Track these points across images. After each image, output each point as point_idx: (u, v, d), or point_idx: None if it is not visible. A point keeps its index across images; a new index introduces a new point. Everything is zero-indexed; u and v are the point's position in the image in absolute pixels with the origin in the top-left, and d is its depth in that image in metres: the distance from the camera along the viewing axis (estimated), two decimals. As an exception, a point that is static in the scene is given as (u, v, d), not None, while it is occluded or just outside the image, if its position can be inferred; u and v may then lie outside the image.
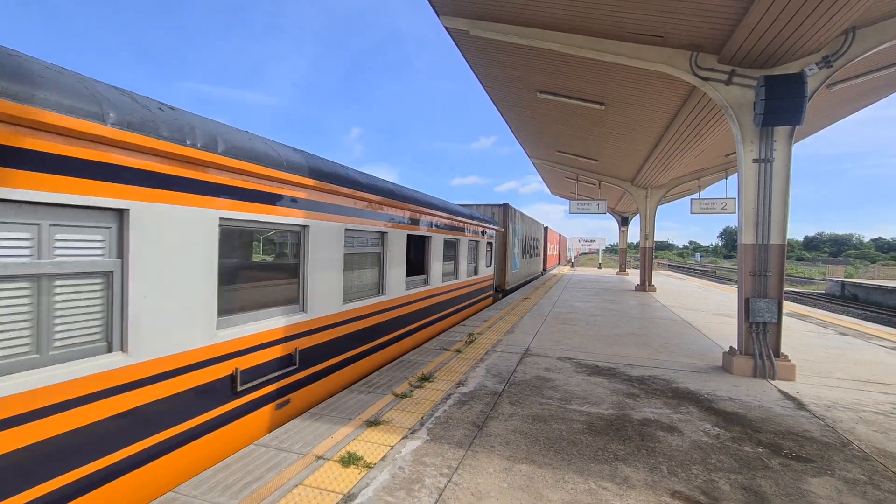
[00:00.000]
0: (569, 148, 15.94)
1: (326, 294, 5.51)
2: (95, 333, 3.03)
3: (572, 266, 50.01)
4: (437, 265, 9.53)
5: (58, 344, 2.81)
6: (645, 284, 18.83)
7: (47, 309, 2.75)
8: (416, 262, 9.69)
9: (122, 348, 3.13)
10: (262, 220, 4.45)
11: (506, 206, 17.46)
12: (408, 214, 7.94)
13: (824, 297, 31.59)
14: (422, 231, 8.64)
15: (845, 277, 36.59)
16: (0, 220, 2.52)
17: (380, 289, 7.13)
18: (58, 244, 2.80)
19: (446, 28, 7.59)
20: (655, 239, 19.75)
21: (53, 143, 2.72)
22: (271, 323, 4.55)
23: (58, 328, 2.81)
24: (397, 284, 7.59)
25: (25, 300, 2.65)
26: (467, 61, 8.99)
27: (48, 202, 2.70)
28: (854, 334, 9.62)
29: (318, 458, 3.57)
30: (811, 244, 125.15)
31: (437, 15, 7.36)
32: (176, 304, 3.50)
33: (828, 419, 4.68)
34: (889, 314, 23.54)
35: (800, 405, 5.09)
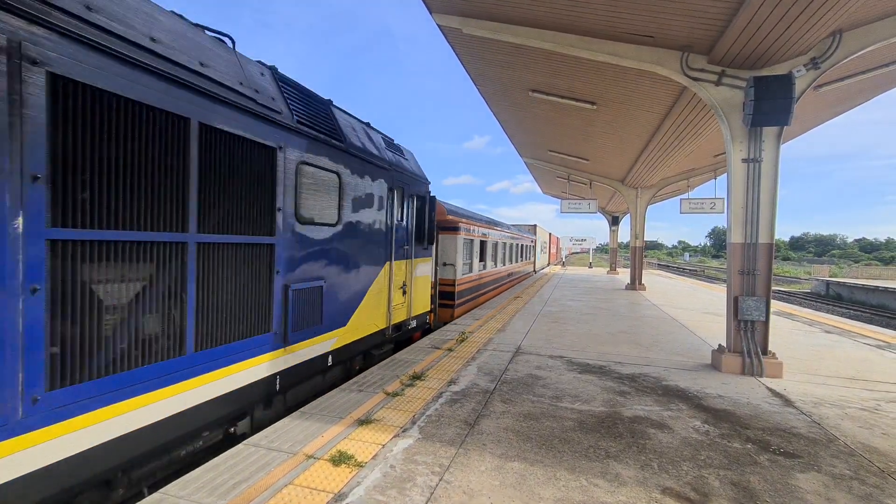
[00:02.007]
0: (560, 147, 16.01)
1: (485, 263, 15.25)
2: None
3: (563, 265, 50.30)
4: (508, 256, 19.68)
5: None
6: (635, 283, 18.98)
7: None
8: (503, 255, 18.44)
9: None
10: (488, 239, 15.11)
11: (535, 225, 33.13)
12: (502, 231, 18.18)
13: (810, 296, 32.14)
14: (505, 239, 18.70)
15: (830, 277, 37.25)
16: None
17: (487, 265, 15.60)
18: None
19: (439, 26, 7.57)
20: (645, 238, 19.93)
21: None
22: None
23: None
24: (498, 262, 17.49)
25: None
26: (460, 59, 8.98)
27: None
28: (839, 332, 9.78)
29: (309, 457, 3.54)
30: (797, 244, 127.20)
31: (430, 12, 7.34)
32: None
33: (814, 415, 4.75)
34: (872, 313, 24.01)
35: (787, 402, 5.16)
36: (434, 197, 8.90)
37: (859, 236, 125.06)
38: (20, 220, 2.43)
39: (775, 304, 13.50)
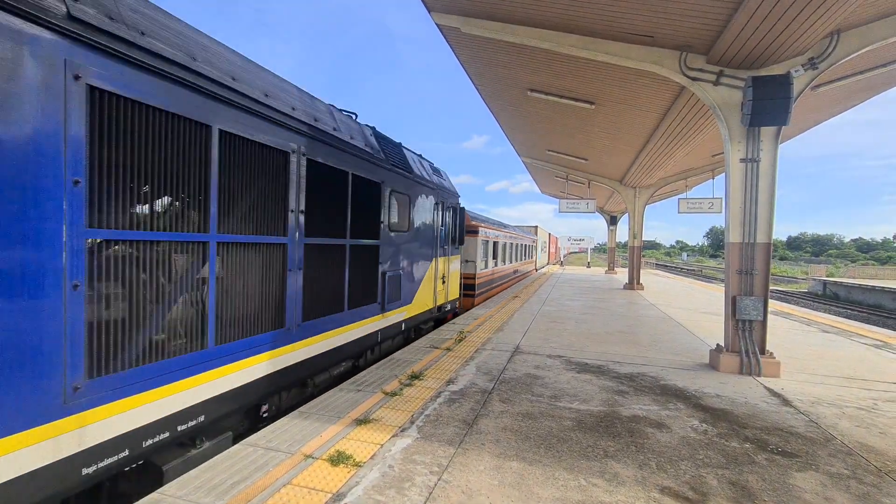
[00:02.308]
0: (559, 147, 16.01)
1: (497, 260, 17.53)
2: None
3: (562, 265, 50.35)
4: (515, 254, 21.89)
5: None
6: (633, 283, 19.01)
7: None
8: (510, 254, 20.83)
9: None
10: (499, 240, 17.75)
11: (536, 227, 34.88)
12: (510, 233, 20.29)
13: (807, 296, 32.25)
14: (513, 240, 20.94)
15: (827, 277, 37.38)
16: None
17: (499, 262, 17.70)
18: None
19: (438, 25, 7.56)
20: (643, 238, 19.95)
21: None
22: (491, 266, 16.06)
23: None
24: (507, 260, 19.65)
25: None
26: (458, 59, 8.98)
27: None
28: (836, 332, 9.81)
29: (307, 457, 3.53)
30: (794, 244, 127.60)
31: (429, 11, 7.33)
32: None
33: (812, 415, 4.76)
34: (869, 312, 24.10)
35: (785, 401, 5.17)
36: (463, 207, 11.23)
37: (856, 236, 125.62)
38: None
39: (773, 304, 13.53)
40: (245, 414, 4.44)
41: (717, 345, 6.74)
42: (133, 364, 3.11)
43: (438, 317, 10.06)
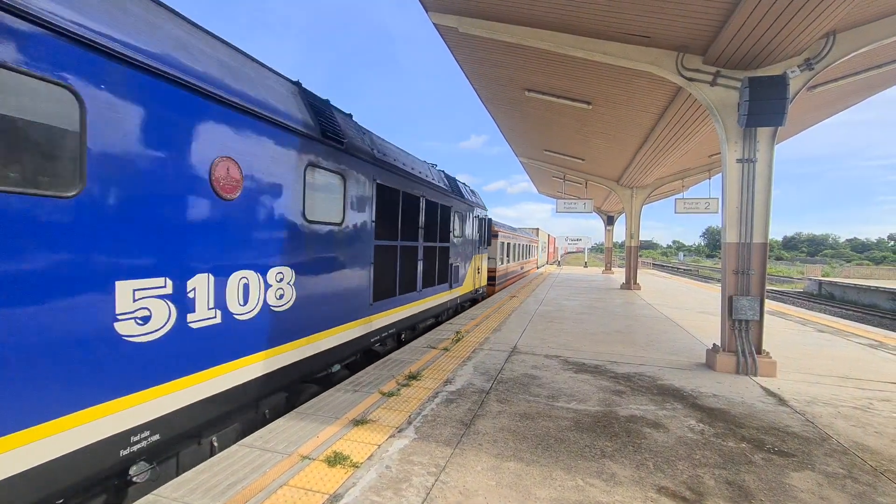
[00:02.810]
0: (556, 147, 16.03)
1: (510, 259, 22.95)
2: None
3: (559, 265, 50.42)
4: (522, 254, 26.14)
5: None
6: (630, 283, 19.05)
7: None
8: (519, 253, 25.07)
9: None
10: (511, 242, 22.83)
11: (537, 229, 38.73)
12: (518, 235, 25.28)
13: (803, 296, 32.40)
14: (521, 241, 25.76)
15: (822, 277, 37.58)
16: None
17: (511, 260, 22.62)
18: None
19: (435, 25, 7.54)
20: (640, 238, 20.01)
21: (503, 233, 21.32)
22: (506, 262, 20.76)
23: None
24: (516, 258, 24.44)
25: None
26: (456, 58, 8.96)
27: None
28: (832, 331, 9.86)
29: (304, 457, 3.52)
30: (790, 244, 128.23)
31: (426, 11, 7.32)
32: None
33: (808, 414, 4.78)
34: (864, 312, 24.24)
35: (781, 401, 5.19)
36: (491, 218, 15.82)
37: (851, 236, 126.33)
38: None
39: (769, 304, 13.59)
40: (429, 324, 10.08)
41: (714, 344, 6.75)
42: (385, 297, 7.32)
43: (474, 297, 14.40)
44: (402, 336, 8.52)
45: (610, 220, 29.66)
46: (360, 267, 6.41)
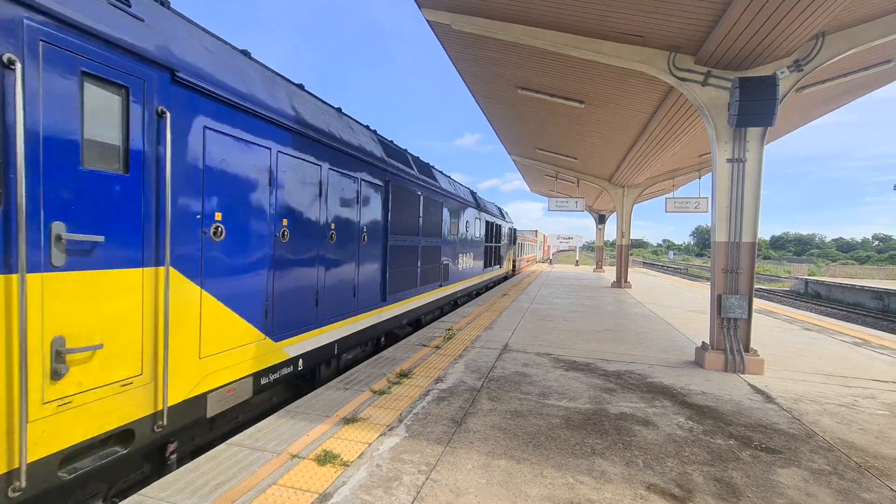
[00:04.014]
0: (548, 145, 16.06)
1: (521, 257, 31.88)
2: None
3: (550, 263, 50.65)
4: (527, 250, 35.87)
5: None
6: (621, 281, 19.19)
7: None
8: (525, 250, 34.63)
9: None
10: (522, 242, 33.13)
11: (536, 230, 45.22)
12: (525, 237, 34.70)
13: (790, 294, 32.87)
14: (527, 241, 36.46)
15: (809, 276, 38.16)
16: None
17: (521, 254, 31.37)
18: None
19: (428, 21, 7.50)
20: (631, 237, 20.14)
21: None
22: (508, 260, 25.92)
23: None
24: (524, 253, 33.62)
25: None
26: (449, 56, 8.93)
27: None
28: (818, 330, 10.01)
29: (294, 456, 3.49)
30: (777, 243, 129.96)
31: (419, 7, 7.27)
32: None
33: (794, 412, 4.84)
34: (849, 310, 24.65)
35: (768, 398, 5.26)
36: (516, 228, 25.86)
37: (836, 236, 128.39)
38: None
39: (757, 302, 13.75)
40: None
41: (703, 342, 6.82)
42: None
43: (507, 275, 23.64)
44: (479, 293, 16.64)
45: (601, 219, 29.83)
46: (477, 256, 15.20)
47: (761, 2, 5.01)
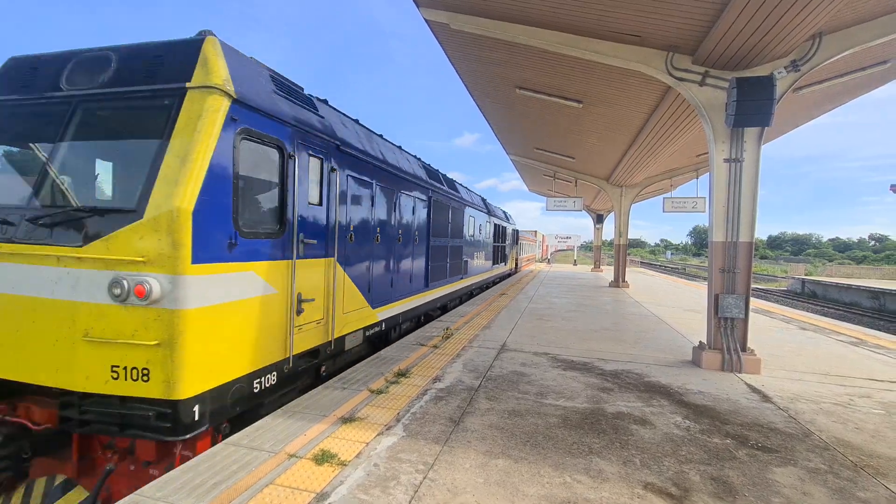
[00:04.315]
0: (546, 145, 16.07)
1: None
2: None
3: (549, 263, 50.74)
4: (528, 249, 39.67)
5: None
6: (618, 281, 19.22)
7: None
8: (526, 249, 38.81)
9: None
10: (524, 241, 36.76)
11: (535, 231, 48.68)
12: (526, 237, 38.58)
13: (787, 294, 32.99)
14: (528, 241, 40.66)
15: (806, 275, 38.30)
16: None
17: (522, 253, 34.47)
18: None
19: (426, 20, 7.50)
20: (629, 237, 20.17)
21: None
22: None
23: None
24: (524, 252, 36.59)
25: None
26: (447, 55, 8.92)
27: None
28: (814, 329, 10.05)
29: (291, 456, 3.48)
30: (774, 243, 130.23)
31: (418, 7, 7.26)
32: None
33: (791, 411, 4.86)
34: (845, 310, 24.76)
35: (765, 398, 5.28)
36: (518, 230, 29.15)
37: (833, 236, 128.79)
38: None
39: (754, 302, 13.79)
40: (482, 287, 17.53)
41: (700, 342, 6.84)
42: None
43: (510, 272, 25.61)
44: (488, 286, 18.62)
45: (599, 219, 29.87)
46: (487, 253, 17.70)
47: (759, 2, 5.02)
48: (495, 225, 19.20)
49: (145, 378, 3.47)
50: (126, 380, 3.49)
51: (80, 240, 3.60)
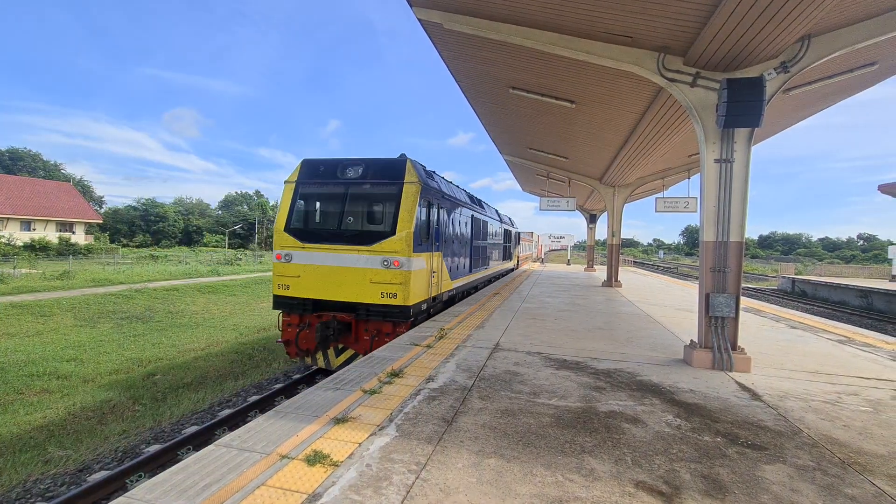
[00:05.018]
0: (540, 145, 16.12)
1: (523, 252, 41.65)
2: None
3: (542, 262, 50.89)
4: (525, 248, 45.23)
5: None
6: (611, 280, 19.32)
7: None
8: (524, 247, 43.97)
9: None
10: (523, 241, 42.27)
11: (532, 232, 54.73)
12: (525, 237, 44.80)
13: (777, 293, 33.34)
14: (526, 240, 46.36)
15: (795, 275, 38.73)
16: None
17: (521, 251, 38.89)
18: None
19: (419, 20, 7.48)
20: (622, 236, 20.28)
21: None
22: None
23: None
24: (523, 251, 41.24)
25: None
26: (440, 55, 8.92)
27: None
28: (804, 328, 10.17)
29: (283, 457, 3.46)
30: (765, 242, 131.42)
31: (411, 7, 7.25)
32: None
33: (780, 409, 4.91)
34: (834, 309, 25.07)
35: (755, 396, 5.33)
36: (520, 231, 34.54)
37: (823, 235, 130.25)
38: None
39: (744, 301, 13.94)
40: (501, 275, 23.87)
41: (692, 341, 6.89)
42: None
43: (513, 268, 29.22)
44: (499, 277, 22.43)
45: (592, 219, 30.03)
46: (499, 251, 21.81)
47: (748, 4, 5.07)
48: (505, 230, 24.37)
49: (394, 297, 8.52)
50: (386, 297, 8.55)
51: (369, 243, 8.70)
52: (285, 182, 9.60)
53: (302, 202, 9.56)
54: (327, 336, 8.87)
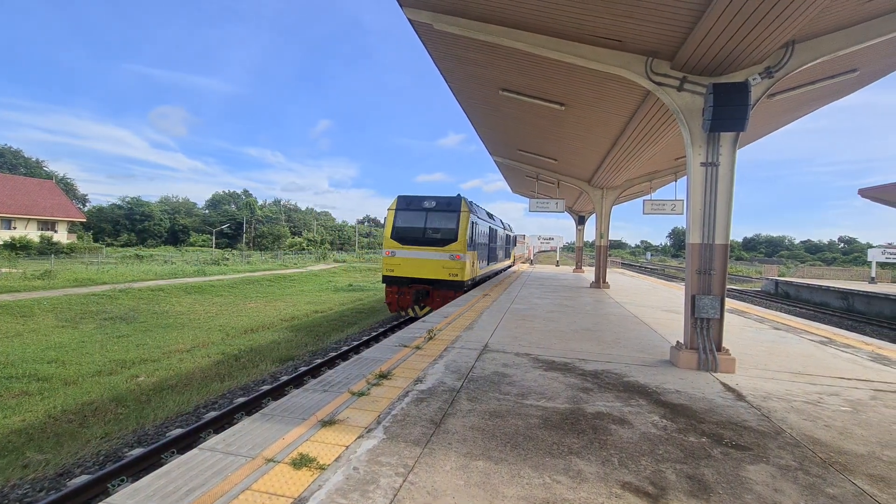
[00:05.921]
0: (529, 147, 16.19)
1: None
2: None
3: (531, 263, 51.17)
4: (518, 249, 51.40)
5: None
6: (599, 282, 19.47)
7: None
8: (517, 249, 50.39)
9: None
10: (517, 243, 51.41)
11: (524, 235, 57.44)
12: (519, 240, 52.12)
13: (761, 294, 33.91)
14: (520, 244, 53.24)
15: (779, 276, 39.44)
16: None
17: (515, 252, 45.84)
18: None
19: (409, 20, 7.47)
20: (610, 238, 20.46)
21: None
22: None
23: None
24: (517, 252, 48.85)
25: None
26: (430, 55, 8.91)
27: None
28: (786, 329, 10.35)
29: (269, 460, 3.42)
30: (749, 245, 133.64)
31: (401, 7, 7.23)
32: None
33: (763, 409, 4.99)
34: (815, 310, 25.58)
35: (739, 396, 5.40)
36: (516, 235, 45.96)
37: (805, 238, 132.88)
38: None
39: (729, 302, 14.14)
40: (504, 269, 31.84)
41: (678, 342, 6.97)
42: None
43: (510, 266, 37.05)
44: (502, 272, 29.02)
45: (581, 220, 30.24)
46: (503, 251, 29.90)
47: (734, 10, 5.15)
48: (506, 234, 30.24)
49: (456, 276, 16.01)
50: (451, 276, 16.01)
51: (442, 245, 16.31)
52: (388, 209, 17.08)
53: (400, 221, 16.74)
54: (418, 297, 16.38)
